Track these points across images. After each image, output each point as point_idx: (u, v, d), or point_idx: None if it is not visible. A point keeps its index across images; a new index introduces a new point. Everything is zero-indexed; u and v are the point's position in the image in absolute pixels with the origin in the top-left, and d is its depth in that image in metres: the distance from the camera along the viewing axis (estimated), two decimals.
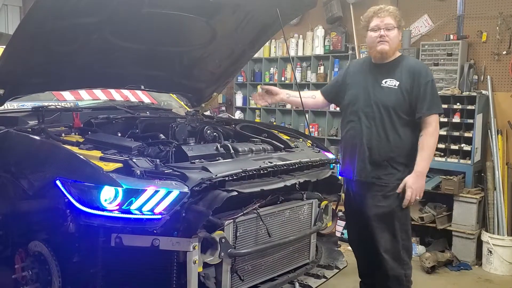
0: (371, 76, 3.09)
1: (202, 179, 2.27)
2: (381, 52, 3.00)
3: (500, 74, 4.98)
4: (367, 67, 3.14)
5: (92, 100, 3.71)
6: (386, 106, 2.98)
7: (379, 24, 2.98)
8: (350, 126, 3.13)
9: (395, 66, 3.03)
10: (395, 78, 3.00)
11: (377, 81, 3.04)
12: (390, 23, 2.97)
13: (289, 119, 6.74)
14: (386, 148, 2.99)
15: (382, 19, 2.97)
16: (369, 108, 3.03)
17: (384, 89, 3.01)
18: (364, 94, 3.06)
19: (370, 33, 3.04)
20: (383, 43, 2.97)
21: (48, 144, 2.51)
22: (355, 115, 3.08)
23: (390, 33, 2.97)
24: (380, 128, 3.00)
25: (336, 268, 3.11)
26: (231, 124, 3.60)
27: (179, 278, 2.26)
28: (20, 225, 2.56)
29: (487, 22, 5.02)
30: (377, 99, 3.01)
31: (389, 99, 2.98)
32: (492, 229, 4.69)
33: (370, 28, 3.03)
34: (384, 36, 2.96)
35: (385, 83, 3.01)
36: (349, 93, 3.16)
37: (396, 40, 3.03)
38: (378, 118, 2.99)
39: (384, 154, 3.00)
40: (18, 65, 2.67)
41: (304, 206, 2.91)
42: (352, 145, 3.10)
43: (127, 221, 2.19)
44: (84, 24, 2.66)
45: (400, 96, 2.97)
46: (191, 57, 3.48)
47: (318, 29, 6.37)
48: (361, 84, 3.10)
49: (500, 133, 4.87)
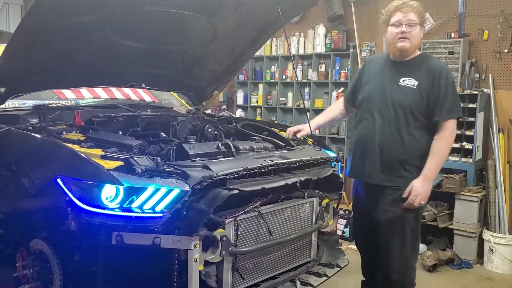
0: (388, 74, 2.94)
1: (203, 178, 2.27)
2: (401, 49, 2.84)
3: (502, 72, 4.97)
4: (385, 64, 2.99)
5: (93, 99, 3.71)
6: (402, 106, 2.83)
7: (401, 20, 2.81)
8: (362, 124, 2.98)
9: (415, 64, 2.89)
10: (414, 77, 2.85)
11: (395, 79, 2.89)
12: (413, 20, 2.81)
13: (290, 117, 6.74)
14: (400, 149, 2.84)
15: (405, 15, 2.81)
16: (384, 106, 2.88)
17: (402, 88, 2.86)
18: (380, 92, 2.92)
19: (390, 28, 2.87)
20: (404, 40, 2.82)
21: (49, 142, 2.51)
22: (369, 113, 2.93)
23: (412, 30, 2.81)
24: (394, 128, 2.85)
25: (337, 267, 3.11)
26: (232, 122, 3.60)
27: (180, 276, 2.26)
28: (21, 223, 2.56)
29: (489, 20, 5.01)
30: (394, 97, 2.86)
31: (406, 98, 2.83)
32: (494, 228, 4.69)
33: (391, 23, 2.86)
34: (405, 32, 2.80)
35: (403, 82, 2.87)
36: (364, 89, 3.02)
37: (418, 38, 2.87)
38: (393, 117, 2.85)
39: (397, 156, 2.84)
40: (19, 63, 2.67)
41: (305, 205, 2.91)
42: (363, 144, 2.96)
43: (128, 219, 2.19)
44: (85, 22, 2.66)
45: (418, 97, 2.82)
46: (192, 55, 3.48)
47: (319, 27, 6.36)
48: (377, 81, 2.96)
49: (501, 131, 4.86)
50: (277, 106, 6.87)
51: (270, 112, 7.07)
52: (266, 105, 7.02)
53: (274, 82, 6.93)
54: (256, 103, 7.14)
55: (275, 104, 6.91)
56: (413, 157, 2.85)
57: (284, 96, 6.84)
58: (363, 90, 3.04)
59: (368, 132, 2.94)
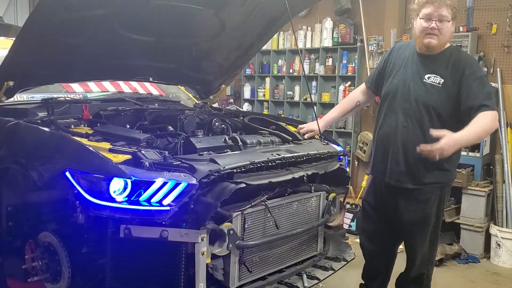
0: (413, 68, 2.80)
1: (210, 171, 2.28)
2: (427, 46, 2.71)
3: (510, 67, 4.94)
4: (411, 56, 2.84)
5: (101, 92, 3.72)
6: (427, 105, 2.72)
7: (432, 14, 2.64)
8: (385, 122, 2.91)
9: (442, 59, 2.74)
10: (440, 74, 2.71)
11: (420, 75, 2.76)
12: (445, 15, 2.64)
13: (297, 111, 6.73)
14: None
15: (437, 9, 2.64)
16: (407, 104, 2.77)
17: (427, 85, 2.73)
18: (403, 88, 2.80)
19: (420, 21, 2.70)
20: (432, 36, 2.67)
21: (57, 136, 2.52)
22: (392, 110, 2.85)
23: (442, 26, 2.65)
24: (418, 128, 2.75)
25: (344, 261, 3.11)
26: (239, 116, 3.60)
27: (187, 269, 2.27)
28: (30, 216, 2.58)
29: (497, 14, 4.98)
30: (418, 96, 2.74)
31: (431, 98, 2.71)
32: (501, 222, 4.68)
33: (421, 16, 2.69)
34: (435, 29, 2.65)
35: (428, 79, 2.73)
36: (388, 83, 2.91)
37: (448, 33, 2.71)
38: (416, 116, 2.73)
39: (423, 158, 2.66)
40: (28, 57, 2.68)
41: (312, 199, 2.91)
42: (386, 143, 2.88)
43: (136, 213, 2.20)
44: (93, 16, 2.67)
45: (443, 96, 2.69)
46: (199, 49, 3.48)
47: (326, 21, 6.34)
48: (401, 74, 2.84)
49: (509, 126, 4.84)
50: (284, 100, 6.87)
51: (277, 106, 7.06)
52: (273, 99, 7.02)
53: (281, 76, 6.93)
54: (263, 97, 7.14)
55: (282, 98, 6.91)
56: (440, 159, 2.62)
57: (291, 90, 6.83)
58: (386, 83, 2.93)
59: (390, 131, 2.86)
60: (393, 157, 2.85)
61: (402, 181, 2.85)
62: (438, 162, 2.66)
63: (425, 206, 2.87)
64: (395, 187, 2.89)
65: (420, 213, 2.87)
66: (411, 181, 2.83)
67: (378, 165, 2.99)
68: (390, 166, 2.87)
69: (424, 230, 2.91)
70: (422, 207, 2.86)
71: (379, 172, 2.98)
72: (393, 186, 2.90)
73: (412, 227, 2.92)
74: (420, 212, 2.87)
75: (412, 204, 2.88)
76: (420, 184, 2.83)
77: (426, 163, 2.73)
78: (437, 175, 2.82)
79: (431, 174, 2.80)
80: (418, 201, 2.86)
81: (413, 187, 2.83)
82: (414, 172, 2.81)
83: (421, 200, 2.85)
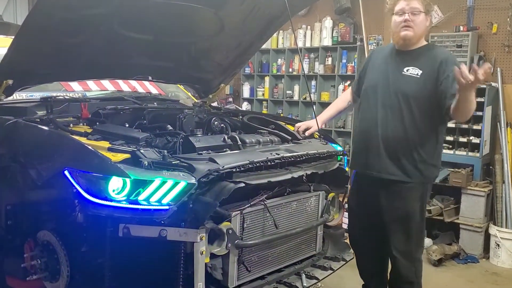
0: (392, 63, 2.90)
1: (209, 170, 2.27)
2: (404, 38, 2.80)
3: (511, 66, 4.94)
4: (390, 54, 2.95)
5: (100, 91, 3.72)
6: (405, 96, 2.79)
7: (404, 8, 2.78)
8: (364, 115, 2.99)
9: (420, 54, 2.84)
10: (418, 66, 2.79)
11: (399, 68, 2.85)
12: (416, 7, 2.77)
13: (297, 111, 6.73)
14: (403, 141, 2.81)
15: (408, 3, 2.77)
16: (387, 97, 2.85)
17: (405, 77, 2.81)
18: (383, 82, 2.89)
19: (394, 17, 2.83)
20: (407, 28, 2.77)
21: (56, 135, 2.52)
22: (372, 103, 2.92)
23: (415, 18, 2.77)
24: (398, 119, 2.81)
25: (343, 260, 3.11)
26: (239, 115, 3.60)
27: (186, 268, 2.27)
28: (29, 214, 2.57)
29: (498, 14, 4.98)
30: (397, 87, 2.82)
31: (409, 88, 2.79)
32: (500, 222, 4.68)
33: (395, 12, 2.83)
34: (408, 21, 2.76)
35: (407, 71, 2.82)
36: (368, 79, 3.02)
37: (422, 26, 2.81)
38: (396, 108, 2.81)
39: (401, 148, 2.80)
40: (27, 55, 2.68)
41: (311, 198, 2.90)
42: (365, 136, 2.95)
43: (135, 212, 2.20)
44: (92, 15, 2.66)
45: (421, 86, 2.76)
46: (198, 48, 3.47)
47: (326, 20, 6.34)
48: (381, 71, 2.93)
49: (509, 126, 4.84)
50: (284, 99, 6.87)
51: (277, 105, 7.06)
52: (273, 98, 7.02)
53: (281, 75, 6.93)
54: (263, 96, 7.14)
55: (281, 97, 6.91)
56: (417, 150, 2.81)
57: (291, 89, 6.83)
58: (367, 80, 3.02)
59: (370, 123, 2.92)
60: (373, 149, 2.90)
61: (382, 172, 2.88)
62: (420, 154, 2.79)
63: (408, 203, 2.88)
64: (377, 181, 2.91)
65: (403, 210, 2.89)
66: (392, 174, 2.86)
67: (358, 159, 3.03)
68: (371, 158, 2.92)
69: (408, 227, 2.92)
70: (405, 203, 2.88)
71: (360, 165, 3.02)
72: (374, 180, 2.92)
73: (395, 224, 2.93)
74: (402, 209, 2.89)
75: (394, 200, 2.89)
76: (402, 178, 2.85)
77: (407, 155, 2.81)
78: (419, 167, 2.84)
79: (413, 166, 2.84)
80: (401, 197, 2.88)
81: (394, 178, 2.86)
82: (395, 165, 2.85)
83: (404, 196, 2.87)
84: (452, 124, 4.89)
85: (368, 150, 2.94)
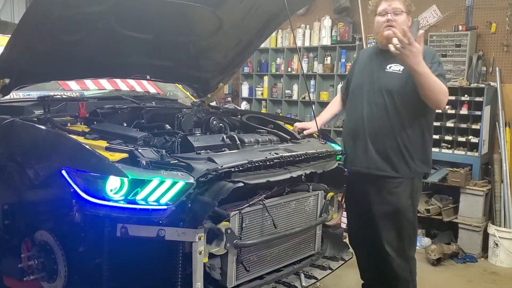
0: (376, 62, 2.99)
1: (208, 170, 2.26)
2: (387, 37, 2.83)
3: (509, 66, 4.94)
4: (374, 53, 3.06)
5: (98, 90, 3.70)
6: (389, 91, 2.87)
7: (386, 9, 2.87)
8: (351, 113, 3.08)
9: None
10: (400, 62, 2.84)
11: (382, 66, 2.94)
12: (398, 8, 2.86)
13: (296, 110, 6.72)
14: (390, 136, 2.88)
15: (390, 3, 2.86)
16: (372, 93, 2.94)
17: (388, 74, 2.91)
18: (368, 80, 2.98)
19: (377, 18, 2.93)
20: (390, 28, 2.84)
21: (53, 134, 2.50)
22: (358, 101, 3.00)
23: (398, 18, 2.85)
24: (384, 115, 2.89)
25: (342, 260, 3.10)
26: (237, 114, 3.58)
27: (185, 268, 2.26)
28: (27, 214, 2.56)
29: (497, 13, 4.97)
30: (381, 84, 2.91)
31: (392, 83, 2.87)
32: (499, 222, 4.68)
33: (377, 13, 2.92)
34: (391, 20, 2.84)
35: (390, 68, 2.91)
36: (354, 79, 3.11)
37: (404, 26, 2.79)
38: (381, 104, 2.88)
39: (388, 143, 2.89)
40: (24, 54, 2.66)
41: (310, 198, 2.90)
42: (353, 134, 3.03)
43: (133, 212, 2.18)
44: (90, 13, 2.65)
45: (404, 81, 2.84)
46: (197, 47, 3.46)
47: (325, 19, 6.33)
48: (366, 70, 3.03)
49: (508, 125, 4.84)
50: (283, 99, 6.85)
51: (275, 104, 7.05)
52: (271, 97, 7.01)
53: (280, 75, 6.91)
54: (261, 95, 7.13)
55: (280, 97, 6.90)
56: (404, 145, 2.87)
57: (290, 89, 6.82)
58: (353, 80, 3.11)
59: (357, 120, 2.99)
60: (361, 146, 2.97)
61: (371, 168, 2.94)
62: (407, 149, 2.86)
63: (398, 199, 2.92)
64: (367, 178, 2.97)
65: (393, 205, 2.92)
66: (381, 169, 2.91)
67: (348, 157, 3.08)
68: (360, 155, 2.98)
69: (399, 224, 2.95)
70: (395, 198, 2.92)
71: (350, 162, 3.07)
72: (364, 177, 2.98)
73: (387, 221, 2.95)
74: (393, 205, 2.92)
75: (384, 196, 2.94)
76: (391, 173, 2.90)
77: (395, 151, 2.88)
78: (408, 162, 2.89)
79: (401, 161, 2.89)
80: (390, 193, 2.92)
81: (383, 174, 2.91)
82: (384, 160, 2.91)
83: (393, 191, 2.91)
84: (451, 124, 4.89)
85: (356, 148, 3.01)
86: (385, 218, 2.95)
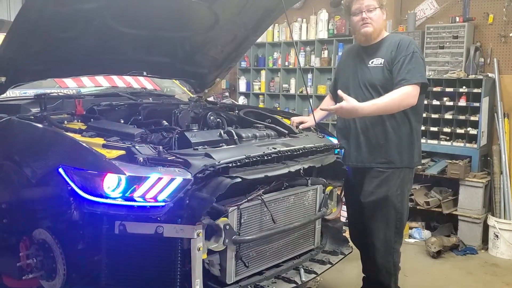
0: (359, 59, 3.06)
1: (205, 166, 2.25)
2: (365, 34, 2.96)
3: (507, 57, 4.93)
4: (356, 52, 3.12)
5: (95, 87, 3.69)
6: (373, 86, 2.94)
7: (360, 7, 2.93)
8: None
9: (382, 45, 2.99)
10: (380, 56, 2.95)
11: (364, 62, 3.01)
12: (370, 4, 2.92)
13: (293, 104, 6.71)
14: (381, 130, 2.96)
15: (362, 2, 2.92)
16: (358, 89, 3.00)
17: (370, 68, 2.97)
18: (353, 77, 3.05)
19: (352, 18, 3.00)
20: (366, 25, 2.93)
21: (50, 132, 2.49)
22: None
23: (372, 15, 2.92)
24: None
25: (341, 254, 3.10)
26: (235, 110, 3.58)
27: (184, 265, 2.26)
28: (24, 213, 2.55)
29: (494, 4, 4.96)
30: (365, 79, 2.98)
31: (375, 77, 2.94)
32: (499, 214, 4.67)
33: (351, 13, 2.99)
34: (366, 18, 2.92)
35: (372, 63, 2.98)
36: (341, 78, 3.19)
37: (380, 20, 2.97)
38: (368, 99, 2.90)
39: (380, 137, 2.97)
40: (20, 52, 2.65)
41: (309, 192, 2.89)
42: (345, 131, 3.11)
43: (131, 209, 2.18)
44: (85, 10, 2.63)
45: (386, 74, 2.91)
46: (193, 42, 3.45)
47: (321, 13, 6.31)
48: (350, 68, 3.10)
49: (506, 117, 4.84)
50: (280, 93, 6.84)
51: (273, 99, 7.04)
52: (269, 92, 6.99)
53: (277, 69, 6.90)
54: (259, 90, 7.11)
55: (277, 91, 6.88)
56: (395, 138, 2.95)
57: (287, 83, 6.81)
58: (340, 79, 3.19)
59: (348, 118, 3.04)
60: (353, 141, 3.06)
61: (364, 161, 3.04)
62: (397, 142, 2.95)
63: (386, 188, 2.98)
64: (360, 170, 3.07)
65: (381, 194, 2.98)
66: (374, 162, 3.00)
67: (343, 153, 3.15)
68: (352, 149, 3.07)
69: (387, 214, 3.00)
70: (384, 188, 2.98)
71: (344, 158, 3.12)
72: (357, 168, 3.09)
73: (375, 210, 3.01)
74: (381, 194, 2.98)
75: (374, 186, 3.00)
76: (382, 165, 2.98)
77: (385, 144, 2.96)
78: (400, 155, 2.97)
79: (394, 154, 2.96)
80: (380, 183, 2.99)
81: (374, 166, 3.00)
82: (375, 154, 2.99)
83: (382, 181, 2.98)
84: (449, 116, 4.88)
85: (350, 144, 3.08)
86: (374, 207, 3.01)
